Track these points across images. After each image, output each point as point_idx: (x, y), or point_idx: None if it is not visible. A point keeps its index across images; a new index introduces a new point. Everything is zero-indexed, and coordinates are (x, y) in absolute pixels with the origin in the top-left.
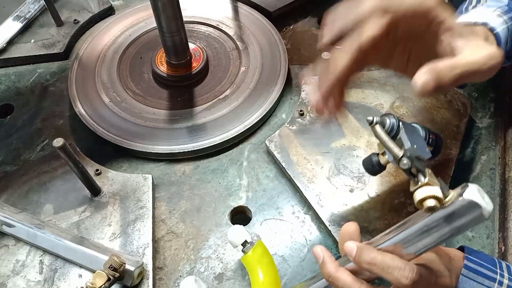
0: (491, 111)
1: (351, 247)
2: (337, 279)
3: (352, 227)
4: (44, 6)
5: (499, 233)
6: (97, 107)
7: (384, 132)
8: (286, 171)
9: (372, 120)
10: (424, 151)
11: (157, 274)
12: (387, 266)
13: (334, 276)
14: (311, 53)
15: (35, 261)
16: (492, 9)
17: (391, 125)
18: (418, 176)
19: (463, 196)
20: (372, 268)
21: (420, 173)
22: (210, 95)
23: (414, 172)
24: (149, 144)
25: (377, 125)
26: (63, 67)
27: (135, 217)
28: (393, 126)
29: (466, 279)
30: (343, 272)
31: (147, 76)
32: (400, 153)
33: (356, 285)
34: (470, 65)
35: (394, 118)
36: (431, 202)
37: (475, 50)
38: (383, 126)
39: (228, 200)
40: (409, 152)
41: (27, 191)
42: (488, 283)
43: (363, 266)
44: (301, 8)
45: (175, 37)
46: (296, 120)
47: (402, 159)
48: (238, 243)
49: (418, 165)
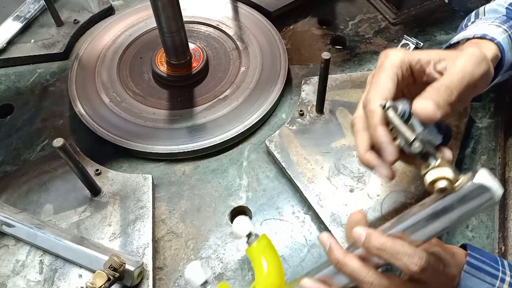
0: (491, 111)
1: (359, 233)
2: (345, 265)
3: (359, 215)
4: (44, 6)
5: (499, 233)
6: (97, 107)
7: (396, 116)
8: (286, 171)
9: (385, 105)
10: (435, 136)
11: (157, 274)
12: (397, 252)
13: (342, 262)
14: (311, 53)
15: (35, 261)
16: (490, 21)
17: (403, 110)
18: (429, 160)
19: (474, 180)
20: (382, 253)
21: (431, 157)
22: (210, 95)
23: (425, 157)
24: (149, 144)
25: (389, 109)
26: (63, 67)
27: (135, 217)
28: (405, 112)
29: (468, 276)
30: (351, 258)
31: (147, 76)
32: (412, 137)
33: (364, 271)
34: (460, 76)
35: (407, 104)
36: (443, 183)
37: (457, 63)
38: (395, 111)
39: (228, 200)
40: (421, 135)
41: (27, 191)
42: (490, 279)
43: (372, 252)
44: (301, 8)
45: (175, 37)
46: (296, 120)
47: (414, 143)
48: (243, 234)
49: (429, 148)
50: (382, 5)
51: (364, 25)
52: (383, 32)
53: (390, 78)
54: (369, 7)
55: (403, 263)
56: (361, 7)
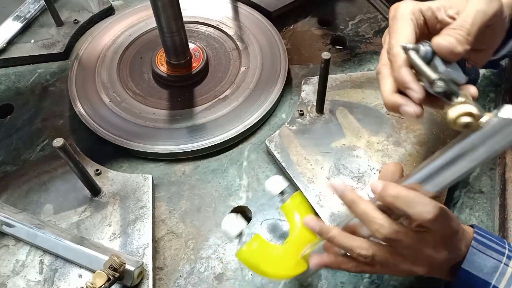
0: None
1: (376, 184)
2: (358, 204)
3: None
4: (44, 6)
5: (499, 233)
6: (97, 107)
7: (418, 57)
8: (286, 171)
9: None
10: (459, 75)
11: (157, 274)
12: (411, 200)
13: (357, 201)
14: (311, 53)
15: (35, 261)
16: None
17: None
18: (453, 99)
19: (499, 115)
20: (396, 202)
21: (454, 96)
22: (210, 95)
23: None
24: (149, 144)
25: (411, 51)
26: (63, 67)
27: (135, 217)
28: (427, 52)
29: (475, 251)
30: (365, 200)
31: (147, 76)
32: (434, 76)
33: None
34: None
35: (429, 45)
36: (467, 119)
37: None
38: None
39: (228, 200)
40: (443, 74)
41: (27, 191)
42: (497, 256)
43: (387, 200)
44: (301, 8)
45: (175, 37)
46: (296, 120)
47: (437, 82)
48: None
49: (453, 87)
50: (382, 5)
51: (364, 25)
52: (383, 32)
53: (407, 25)
54: (369, 7)
55: (417, 211)
56: (361, 7)
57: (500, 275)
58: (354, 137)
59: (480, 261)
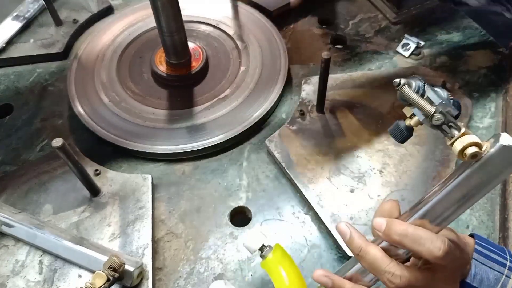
0: (491, 111)
1: (380, 222)
2: (367, 253)
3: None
4: (43, 6)
5: (500, 233)
6: (96, 107)
7: (412, 91)
8: (286, 171)
9: (399, 82)
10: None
11: (156, 275)
12: (420, 237)
13: (364, 249)
14: (311, 52)
15: (35, 261)
16: None
17: (417, 85)
18: (451, 131)
19: (500, 142)
20: (404, 240)
21: (453, 127)
22: (209, 95)
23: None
24: (149, 144)
25: (404, 86)
26: (62, 66)
27: (134, 218)
28: (420, 87)
29: (477, 263)
30: (373, 246)
31: (146, 76)
32: (432, 109)
33: (386, 260)
34: None
35: (420, 80)
36: (474, 149)
37: None
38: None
39: (228, 200)
40: (441, 107)
41: (26, 191)
42: (499, 268)
43: (394, 239)
44: (301, 8)
45: (175, 36)
46: (296, 120)
47: (435, 115)
48: (256, 248)
49: (451, 118)
50: (383, 4)
51: (364, 25)
52: (383, 31)
53: None
54: (370, 7)
55: (426, 248)
56: (361, 6)
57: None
58: (354, 137)
59: (481, 273)
